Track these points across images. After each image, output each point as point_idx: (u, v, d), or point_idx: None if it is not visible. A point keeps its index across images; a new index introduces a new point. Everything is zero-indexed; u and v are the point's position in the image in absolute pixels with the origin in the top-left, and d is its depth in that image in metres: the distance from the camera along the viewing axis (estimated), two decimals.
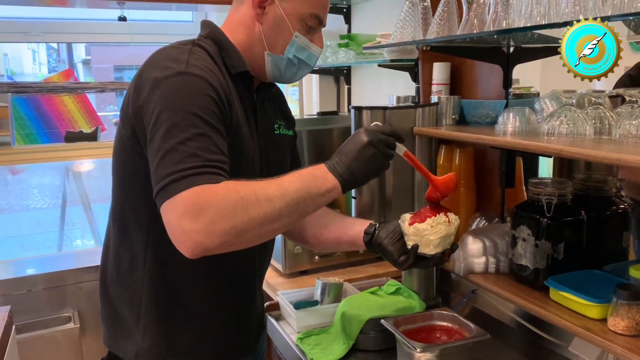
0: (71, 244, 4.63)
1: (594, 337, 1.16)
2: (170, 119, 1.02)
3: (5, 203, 6.25)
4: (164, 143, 1.01)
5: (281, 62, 1.25)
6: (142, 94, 1.08)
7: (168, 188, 0.97)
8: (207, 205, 0.95)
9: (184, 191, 0.95)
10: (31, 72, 12.16)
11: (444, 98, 1.70)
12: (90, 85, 4.02)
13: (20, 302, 2.26)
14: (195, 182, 0.96)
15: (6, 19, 4.24)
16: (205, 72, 1.10)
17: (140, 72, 1.13)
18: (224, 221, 0.95)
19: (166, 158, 0.99)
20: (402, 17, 1.72)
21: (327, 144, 2.09)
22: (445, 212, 1.19)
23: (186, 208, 0.95)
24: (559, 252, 1.35)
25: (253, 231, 0.99)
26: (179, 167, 0.98)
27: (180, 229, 0.95)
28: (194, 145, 1.00)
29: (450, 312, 1.46)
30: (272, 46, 1.23)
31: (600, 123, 1.26)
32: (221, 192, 0.97)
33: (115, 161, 1.22)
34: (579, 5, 1.16)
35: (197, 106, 1.05)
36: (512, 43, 1.64)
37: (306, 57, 1.26)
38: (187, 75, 1.07)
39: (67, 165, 4.15)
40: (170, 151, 1.00)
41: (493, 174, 1.79)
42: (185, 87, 1.06)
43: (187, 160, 0.98)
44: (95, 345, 2.35)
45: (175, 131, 1.01)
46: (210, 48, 1.19)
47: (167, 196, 0.97)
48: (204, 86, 1.07)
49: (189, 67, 1.09)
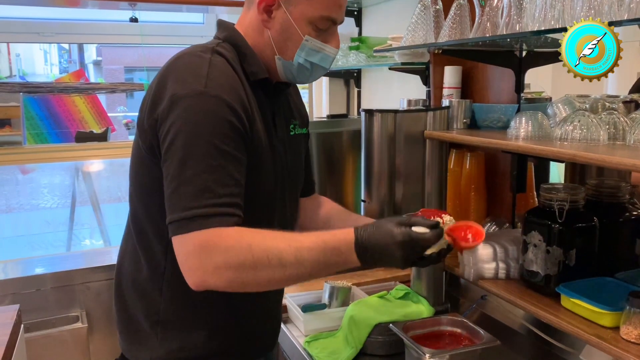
0: (80, 243, 4.66)
1: (606, 346, 1.14)
2: (186, 147, 1.01)
3: (15, 202, 6.30)
4: (179, 172, 1.01)
5: (292, 67, 1.20)
6: (159, 107, 1.06)
7: (180, 224, 0.99)
8: (215, 251, 0.98)
9: (195, 231, 0.98)
10: (43, 72, 12.29)
11: (455, 102, 1.69)
12: (100, 86, 4.04)
13: (28, 301, 2.27)
14: (206, 224, 0.98)
15: (19, 19, 4.28)
16: (226, 91, 1.07)
17: (159, 81, 1.10)
18: (230, 271, 0.98)
19: (180, 190, 1.00)
20: (414, 20, 1.71)
21: (337, 147, 2.09)
22: (440, 215, 1.20)
23: (195, 248, 0.98)
24: (571, 259, 1.33)
25: (258, 287, 1.03)
26: (192, 203, 0.99)
27: (187, 265, 1.00)
28: (208, 178, 1.00)
29: (460, 317, 1.45)
30: (281, 51, 1.19)
31: (614, 128, 1.25)
32: (232, 240, 0.99)
33: (133, 170, 1.20)
34: (593, 9, 1.15)
35: (215, 134, 1.02)
36: (524, 47, 1.62)
37: (319, 60, 1.20)
38: (207, 97, 1.04)
39: (77, 165, 4.17)
40: (185, 183, 1.00)
41: (504, 179, 1.77)
42: (203, 111, 1.03)
43: (200, 196, 0.99)
44: (103, 345, 2.36)
45: (190, 161, 1.01)
46: (229, 54, 1.16)
47: (178, 231, 1.00)
48: (223, 110, 1.04)
49: (209, 85, 1.05)
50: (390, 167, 1.63)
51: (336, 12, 1.18)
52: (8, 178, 5.92)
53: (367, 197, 1.70)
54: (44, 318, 2.33)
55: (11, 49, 9.84)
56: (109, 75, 11.82)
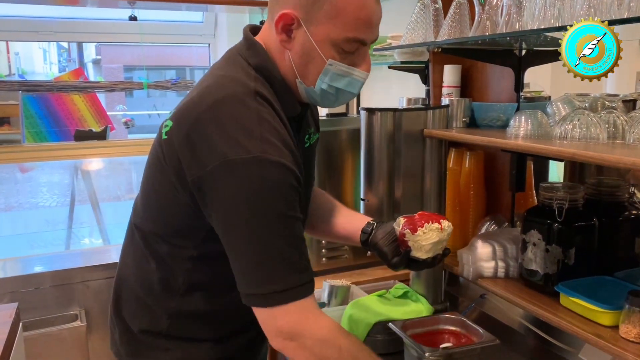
0: (79, 242, 4.65)
1: (605, 345, 1.14)
2: (255, 220, 0.97)
3: (14, 201, 6.29)
4: (253, 249, 0.99)
5: (314, 93, 1.08)
6: (202, 161, 0.97)
7: (261, 299, 1.00)
8: (307, 336, 1.01)
9: (281, 307, 0.99)
10: (42, 71, 12.26)
11: (454, 100, 1.69)
12: (100, 85, 4.03)
13: (27, 300, 2.27)
14: (293, 297, 0.99)
15: (18, 17, 4.27)
16: (284, 154, 0.99)
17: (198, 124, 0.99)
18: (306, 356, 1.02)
19: (257, 268, 0.99)
20: (414, 19, 1.71)
21: (336, 145, 2.09)
22: (439, 220, 1.21)
23: (281, 329, 1.01)
24: (570, 258, 1.34)
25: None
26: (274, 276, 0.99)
27: (275, 341, 1.03)
28: (286, 249, 0.99)
29: (459, 316, 1.45)
30: (303, 75, 1.06)
31: (614, 127, 1.25)
32: (327, 333, 1.02)
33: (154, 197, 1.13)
34: (593, 8, 1.15)
35: (283, 202, 0.98)
36: (524, 46, 1.62)
37: (345, 85, 1.07)
38: (267, 163, 0.95)
39: (76, 164, 4.17)
40: (261, 258, 0.99)
41: (503, 178, 1.77)
42: (266, 179, 0.96)
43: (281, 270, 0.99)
44: (102, 344, 2.36)
45: (263, 236, 0.98)
46: (269, 94, 1.05)
47: (261, 304, 1.01)
48: (286, 176, 0.98)
49: (265, 148, 0.96)
50: (389, 166, 1.63)
51: (365, 33, 1.04)
52: (7, 177, 5.91)
53: (367, 196, 1.70)
54: (42, 316, 2.33)
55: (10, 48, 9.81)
56: (108, 74, 11.79)
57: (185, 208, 1.05)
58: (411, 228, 1.19)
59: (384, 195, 1.66)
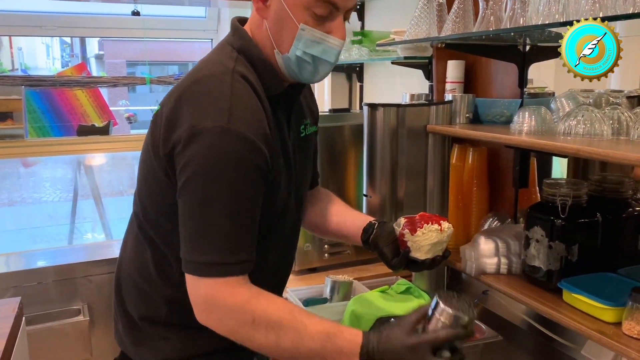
0: (82, 237, 4.67)
1: (608, 341, 1.14)
2: (207, 188, 0.99)
3: (17, 195, 6.31)
4: (199, 214, 1.01)
5: (290, 61, 1.08)
6: (174, 134, 1.01)
7: (196, 266, 1.02)
8: (222, 306, 1.02)
9: (210, 278, 1.01)
10: (45, 66, 12.28)
11: (458, 96, 1.69)
12: (102, 80, 4.04)
13: (30, 294, 2.27)
14: (219, 273, 1.00)
15: (21, 12, 4.27)
16: (251, 128, 1.00)
17: (175, 104, 1.03)
18: (230, 327, 1.03)
19: (199, 233, 1.01)
20: (417, 14, 1.70)
21: (339, 141, 2.08)
22: (439, 221, 1.20)
23: (205, 295, 1.02)
24: (573, 254, 1.33)
25: (251, 348, 1.05)
26: (210, 250, 1.00)
27: (196, 305, 1.04)
28: (228, 224, 1.00)
29: None
30: (278, 44, 1.07)
31: (618, 123, 1.24)
32: (240, 302, 1.02)
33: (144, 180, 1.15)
34: (598, 3, 1.14)
35: (238, 177, 0.99)
36: (528, 41, 1.61)
37: (321, 53, 1.06)
38: (230, 135, 0.97)
39: (79, 159, 4.18)
40: (204, 227, 1.01)
41: (506, 174, 1.77)
42: (225, 150, 0.97)
43: (219, 244, 1.00)
44: (104, 339, 2.36)
45: (211, 204, 0.99)
46: (248, 73, 1.07)
47: (192, 271, 1.02)
48: (247, 151, 0.99)
49: (232, 120, 0.98)
50: (392, 162, 1.63)
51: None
52: (10, 171, 5.93)
53: (370, 192, 1.70)
54: (45, 311, 2.33)
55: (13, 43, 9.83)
56: (111, 69, 11.80)
57: (164, 185, 1.07)
58: (411, 229, 1.19)
59: (387, 191, 1.66)
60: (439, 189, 1.64)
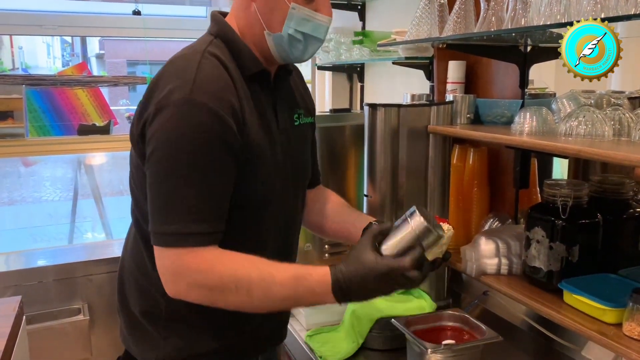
0: (82, 236, 4.66)
1: (608, 342, 1.13)
2: (169, 159, 1.02)
3: (17, 194, 6.30)
4: (161, 184, 1.03)
5: (282, 40, 1.13)
6: (145, 112, 1.06)
7: (160, 237, 1.02)
8: (188, 272, 1.02)
9: (173, 248, 1.01)
10: (45, 65, 12.28)
11: (459, 97, 1.68)
12: (103, 79, 4.04)
13: (30, 293, 2.27)
14: (184, 243, 1.01)
15: (21, 11, 4.27)
16: (213, 98, 1.03)
17: (149, 88, 1.09)
18: (200, 291, 1.03)
19: (162, 203, 1.03)
20: (418, 14, 1.70)
21: (339, 141, 2.08)
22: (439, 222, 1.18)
23: (171, 265, 1.03)
24: (574, 255, 1.33)
25: (227, 309, 1.06)
26: (173, 220, 1.01)
27: (164, 277, 1.05)
28: (190, 194, 1.01)
29: (462, 313, 1.45)
30: (269, 24, 1.12)
31: (619, 124, 1.24)
32: (205, 264, 1.01)
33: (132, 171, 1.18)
34: (600, 4, 1.14)
35: (199, 147, 1.01)
36: (529, 42, 1.61)
37: (311, 30, 1.13)
38: (191, 105, 1.01)
39: (80, 158, 4.18)
40: (167, 197, 1.02)
41: (507, 175, 1.77)
42: (187, 121, 1.00)
43: (181, 214, 1.01)
44: (104, 338, 2.36)
45: (173, 175, 1.02)
46: (221, 53, 1.12)
47: (158, 243, 1.03)
48: (208, 121, 1.01)
49: (194, 91, 1.01)
50: (393, 162, 1.63)
51: None
52: (10, 170, 5.93)
53: (370, 192, 1.70)
54: (46, 310, 2.33)
55: (14, 42, 9.83)
56: (112, 68, 11.80)
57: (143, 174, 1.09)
58: None
59: (387, 191, 1.66)
60: (439, 189, 1.64)
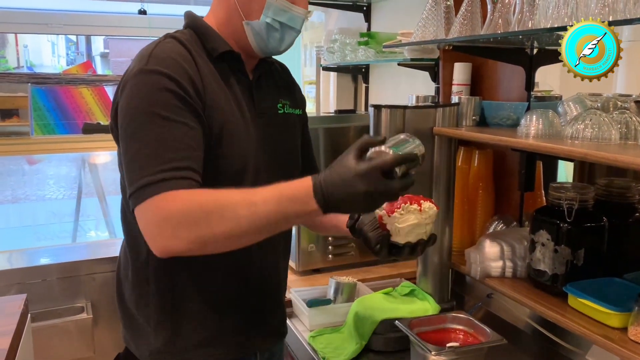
0: (85, 235, 4.67)
1: (613, 347, 1.13)
2: (131, 122, 1.05)
3: (21, 192, 6.33)
4: (128, 147, 1.05)
5: (260, 28, 1.19)
6: (116, 97, 1.13)
7: (135, 195, 1.02)
8: (169, 215, 0.99)
9: (149, 199, 0.99)
10: (50, 63, 12.31)
11: (464, 99, 1.68)
12: (108, 78, 4.04)
13: (34, 291, 2.28)
14: (158, 190, 0.99)
15: (27, 10, 4.28)
16: (165, 65, 1.08)
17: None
18: (186, 231, 0.98)
19: (132, 164, 1.03)
20: (425, 16, 1.70)
21: (344, 142, 2.08)
22: (419, 201, 1.12)
23: (152, 215, 1.00)
24: (579, 258, 1.33)
25: (218, 244, 1.01)
26: (143, 173, 1.01)
27: (149, 234, 1.01)
28: (155, 146, 1.02)
29: (466, 315, 1.44)
30: (248, 13, 1.19)
31: (626, 128, 1.24)
32: (184, 202, 0.99)
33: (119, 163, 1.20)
34: (608, 7, 1.13)
35: (156, 103, 1.05)
36: (535, 44, 1.61)
37: (288, 20, 1.20)
38: (144, 73, 1.07)
39: (84, 157, 4.19)
40: (134, 156, 1.03)
41: (512, 177, 1.76)
42: (142, 87, 1.07)
43: (149, 164, 1.01)
44: (107, 336, 2.36)
45: (136, 134, 1.04)
46: (185, 37, 1.18)
47: (136, 202, 1.02)
48: (162, 82, 1.06)
49: (148, 62, 1.08)
50: None
51: None
52: (15, 168, 5.95)
53: None
54: (49, 308, 2.34)
55: (19, 40, 9.86)
56: (116, 67, 11.82)
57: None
58: (388, 210, 1.10)
59: None
60: (444, 191, 1.64)
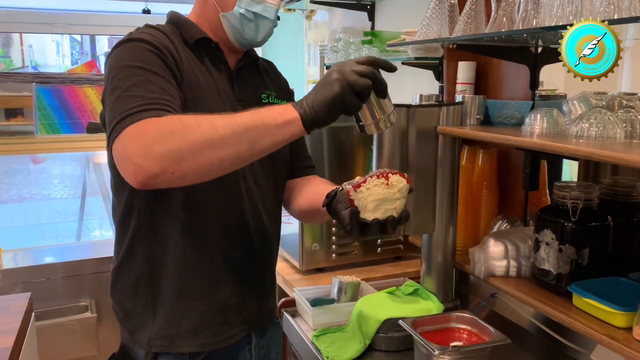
0: (89, 234, 4.68)
1: (618, 346, 1.13)
2: (114, 78, 1.09)
3: (26, 192, 6.35)
4: (111, 98, 1.07)
5: (234, 19, 1.25)
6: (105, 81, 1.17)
7: (115, 129, 1.02)
8: (146, 132, 0.98)
9: (129, 126, 0.99)
10: (55, 63, 12.33)
11: (468, 97, 1.67)
12: None
13: (39, 290, 2.29)
14: (139, 117, 1.00)
15: (31, 9, 4.29)
16: (148, 36, 1.15)
17: None
18: (161, 144, 0.95)
19: (113, 107, 1.05)
20: (429, 15, 1.69)
21: (347, 141, 2.08)
22: (387, 175, 1.06)
23: (128, 138, 0.99)
24: (584, 258, 1.32)
25: (194, 157, 0.96)
26: (124, 108, 1.02)
27: (123, 155, 0.99)
28: (137, 89, 1.06)
29: (470, 314, 1.44)
30: (223, 6, 1.25)
31: (631, 126, 1.23)
32: (162, 120, 1.00)
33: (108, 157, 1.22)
34: (613, 4, 1.13)
35: (138, 60, 1.10)
36: (540, 43, 1.60)
37: (261, 10, 1.25)
38: (129, 42, 1.14)
39: (88, 156, 4.19)
40: (117, 100, 1.05)
41: (516, 176, 1.76)
42: (126, 51, 1.13)
43: (130, 101, 1.03)
44: (111, 335, 2.37)
45: (119, 84, 1.07)
46: (163, 28, 1.24)
47: (115, 136, 1.01)
48: (145, 47, 1.13)
49: (131, 36, 1.16)
50: (401, 163, 1.62)
51: None
52: (20, 168, 5.97)
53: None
54: (54, 307, 2.35)
55: (24, 40, 9.89)
56: None
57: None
58: (355, 185, 1.05)
59: None
60: (448, 190, 1.63)
